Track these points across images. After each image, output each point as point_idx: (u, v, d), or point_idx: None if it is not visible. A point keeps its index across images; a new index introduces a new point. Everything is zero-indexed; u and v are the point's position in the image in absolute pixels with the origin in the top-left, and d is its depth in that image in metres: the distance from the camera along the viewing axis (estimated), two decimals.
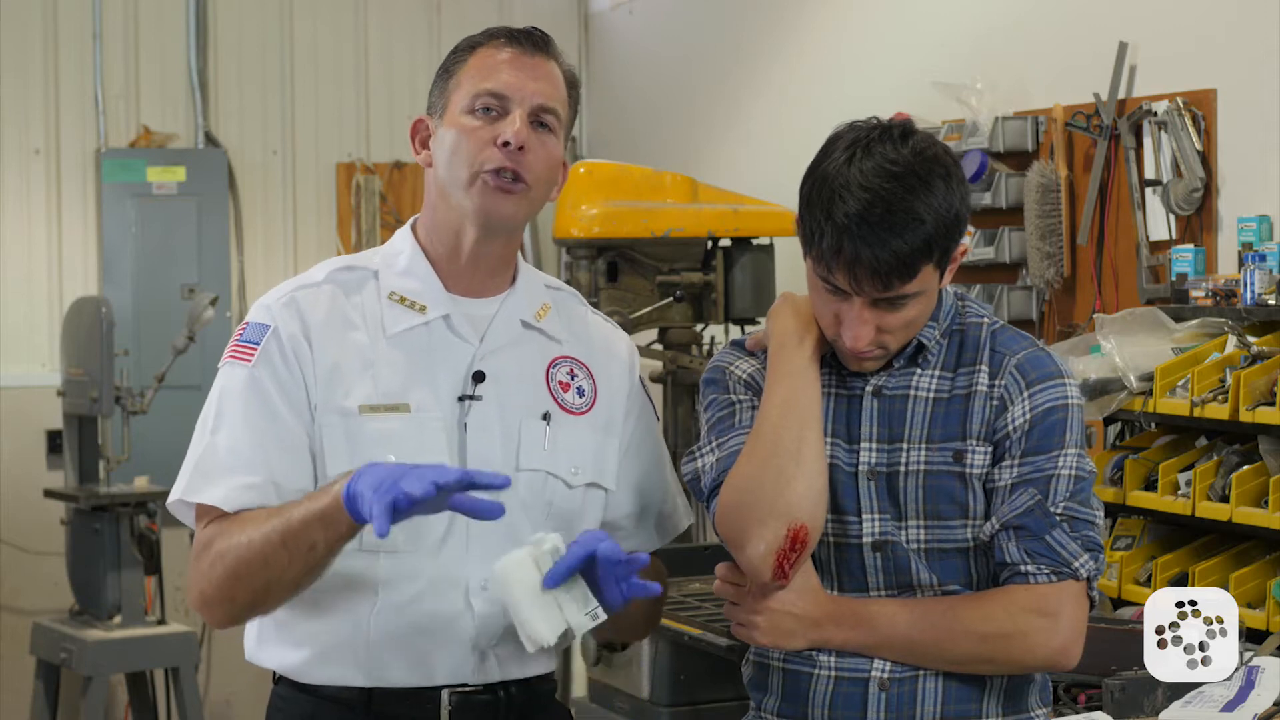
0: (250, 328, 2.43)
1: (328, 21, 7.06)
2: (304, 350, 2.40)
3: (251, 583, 2.31)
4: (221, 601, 2.36)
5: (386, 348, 2.43)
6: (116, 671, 6.03)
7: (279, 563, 2.28)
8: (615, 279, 5.22)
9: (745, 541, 2.34)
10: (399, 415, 2.39)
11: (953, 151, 2.38)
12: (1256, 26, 4.15)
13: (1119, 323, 4.01)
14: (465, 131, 2.40)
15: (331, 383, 2.40)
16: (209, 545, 2.35)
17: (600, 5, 7.25)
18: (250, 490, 2.36)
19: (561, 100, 2.44)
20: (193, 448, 2.42)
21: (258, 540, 2.29)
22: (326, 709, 2.43)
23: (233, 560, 2.31)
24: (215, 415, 2.41)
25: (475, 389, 2.43)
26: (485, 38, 2.45)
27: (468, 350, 2.45)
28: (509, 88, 2.40)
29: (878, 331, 2.34)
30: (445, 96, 2.45)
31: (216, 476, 2.37)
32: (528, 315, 2.51)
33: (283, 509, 2.30)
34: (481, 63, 2.42)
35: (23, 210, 6.68)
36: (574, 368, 2.53)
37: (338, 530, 2.25)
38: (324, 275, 2.48)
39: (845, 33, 5.71)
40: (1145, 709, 2.94)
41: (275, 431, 2.38)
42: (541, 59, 2.44)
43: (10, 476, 6.57)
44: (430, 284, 2.46)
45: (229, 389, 2.41)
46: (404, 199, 7.09)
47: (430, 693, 2.41)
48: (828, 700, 2.39)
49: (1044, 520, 2.33)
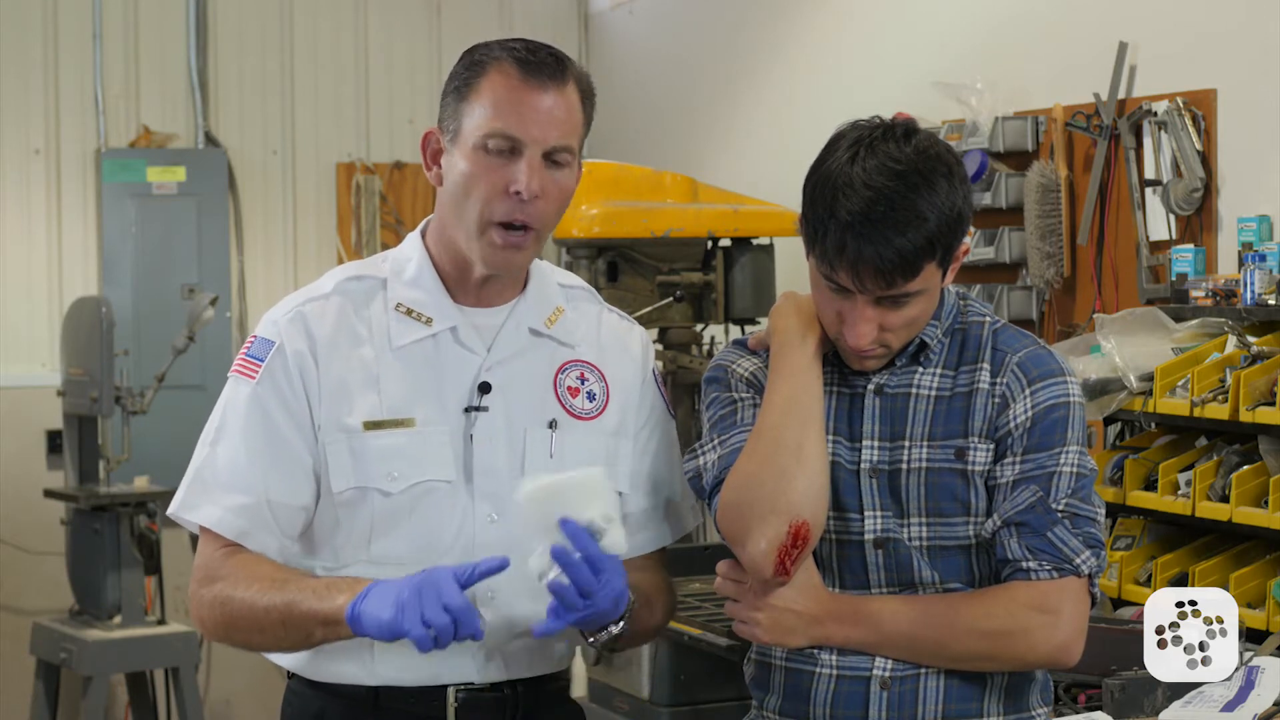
0: (257, 343, 2.44)
1: (328, 22, 7.06)
2: (309, 367, 2.41)
3: (247, 638, 2.40)
4: (215, 635, 2.45)
5: (392, 360, 2.43)
6: (116, 671, 6.02)
7: (274, 634, 2.36)
8: (615, 279, 5.22)
9: (747, 539, 2.34)
10: (404, 430, 2.40)
11: (955, 151, 2.38)
12: (1256, 26, 4.16)
13: (1119, 323, 4.01)
14: (476, 172, 2.37)
15: (337, 399, 2.41)
16: (212, 579, 2.40)
17: (600, 5, 7.25)
18: (244, 511, 2.39)
19: (575, 129, 2.41)
20: (195, 458, 2.45)
21: (259, 609, 2.34)
22: (336, 705, 2.46)
23: (232, 613, 2.37)
24: (217, 429, 2.44)
25: (481, 400, 2.43)
26: (496, 56, 2.39)
27: (474, 361, 2.45)
28: (521, 130, 2.35)
29: (880, 330, 2.34)
30: (457, 120, 2.40)
31: (213, 493, 2.41)
32: (537, 323, 2.50)
33: (287, 586, 2.34)
34: (494, 92, 2.37)
35: (23, 210, 6.68)
36: (585, 371, 2.52)
37: (337, 633, 2.32)
38: (332, 286, 2.47)
39: (845, 33, 5.72)
40: (1145, 709, 2.94)
41: (274, 451, 2.40)
42: (555, 88, 2.38)
43: (10, 476, 6.57)
44: (437, 295, 2.46)
45: (233, 404, 2.43)
46: (404, 199, 7.09)
47: (437, 690, 2.43)
48: (829, 699, 2.39)
49: (1045, 517, 2.34)
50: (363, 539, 2.41)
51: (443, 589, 2.21)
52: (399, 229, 7.00)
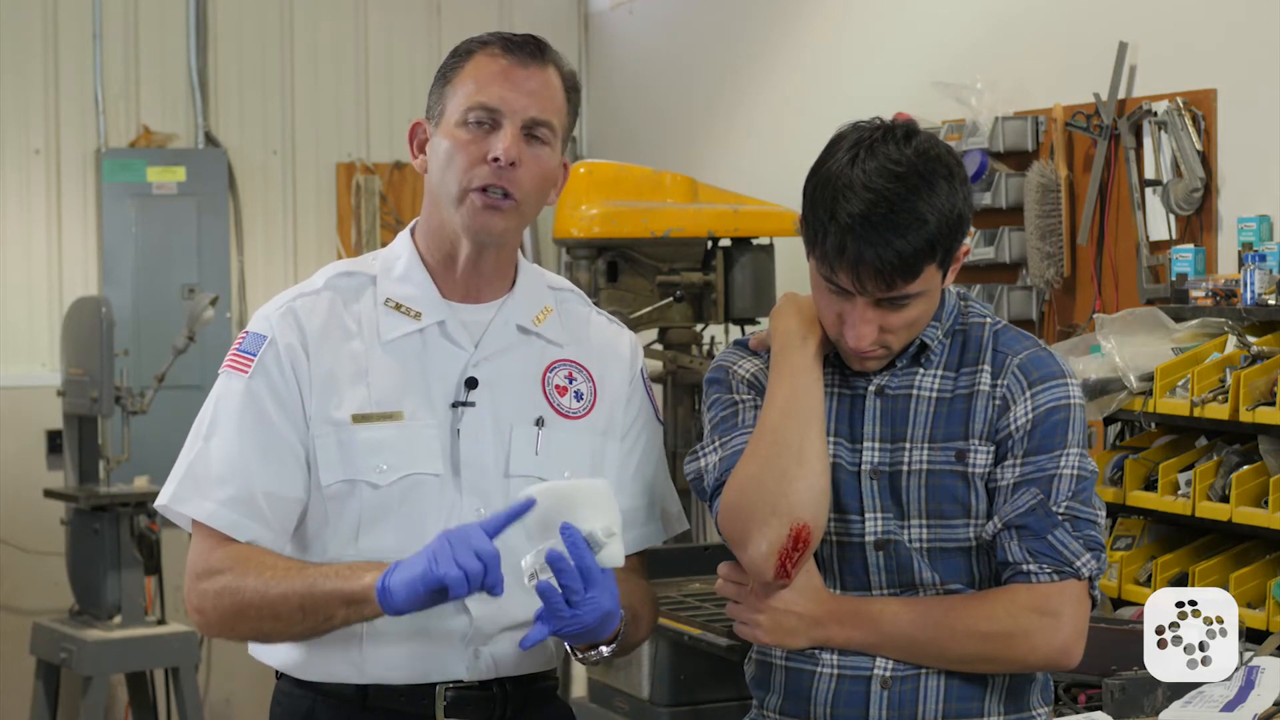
0: (249, 338, 2.46)
1: (328, 22, 7.06)
2: (301, 361, 2.43)
3: (258, 625, 2.38)
4: (220, 628, 2.42)
5: (381, 354, 2.45)
6: (116, 671, 6.03)
7: (291, 620, 2.35)
8: (615, 279, 5.22)
9: (748, 541, 2.35)
10: (392, 423, 2.42)
11: (955, 152, 2.39)
12: (1256, 26, 4.15)
13: (1119, 323, 4.01)
14: (457, 145, 2.41)
15: (326, 392, 2.42)
16: (212, 571, 2.39)
17: (600, 5, 7.25)
18: (237, 505, 2.40)
19: (557, 109, 2.45)
20: (185, 452, 2.45)
21: (274, 595, 2.34)
22: (325, 703, 2.47)
23: (241, 603, 2.36)
24: (210, 423, 2.44)
25: (468, 395, 2.45)
26: (480, 44, 2.46)
27: (462, 356, 2.47)
28: (501, 101, 2.40)
29: (881, 331, 2.34)
30: (441, 104, 2.45)
31: (205, 487, 2.41)
32: (525, 320, 2.52)
33: (304, 571, 2.35)
34: (476, 72, 2.43)
35: (23, 210, 6.68)
36: (573, 371, 2.54)
37: (361, 613, 2.32)
38: (323, 282, 2.50)
39: (845, 32, 5.72)
40: (1145, 709, 2.94)
41: (268, 444, 2.41)
42: (537, 68, 2.43)
43: (10, 476, 6.57)
44: (426, 290, 2.48)
45: (225, 398, 2.44)
46: (404, 199, 7.09)
47: (426, 688, 2.44)
48: (830, 698, 2.39)
49: (1046, 520, 2.34)
50: (350, 533, 2.42)
51: (473, 537, 2.24)
52: (399, 229, 6.99)
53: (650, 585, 2.62)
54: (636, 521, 2.58)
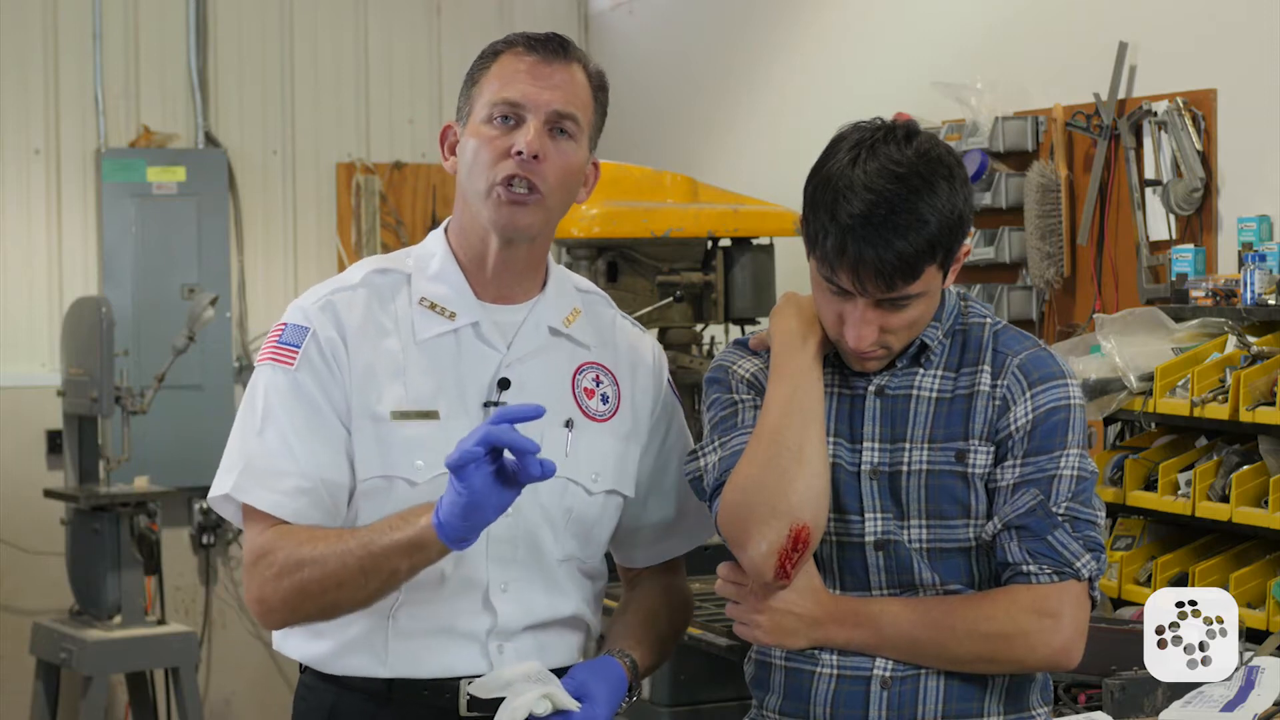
0: (289, 329, 2.46)
1: (328, 22, 7.06)
2: (340, 354, 2.44)
3: (321, 600, 2.37)
4: (284, 611, 2.40)
5: (417, 353, 2.46)
6: (116, 671, 6.03)
7: (354, 584, 2.34)
8: (615, 279, 5.22)
9: (747, 541, 2.35)
10: (429, 422, 2.43)
11: (955, 153, 2.39)
12: (1256, 26, 4.16)
13: (1119, 323, 4.01)
14: (482, 141, 2.42)
15: (365, 387, 2.43)
16: (268, 554, 2.38)
17: (600, 5, 7.26)
18: (302, 495, 2.40)
19: (582, 104, 2.46)
20: (238, 446, 2.44)
21: (333, 562, 2.33)
22: (349, 698, 2.47)
23: (304, 577, 2.35)
24: (262, 416, 2.43)
25: (500, 395, 2.46)
26: (506, 44, 2.48)
27: (495, 357, 2.48)
28: (525, 96, 2.42)
29: (881, 332, 2.34)
30: (469, 104, 2.48)
31: (267, 479, 2.40)
32: (556, 321, 2.53)
33: (357, 532, 2.35)
34: (501, 71, 2.45)
35: (23, 210, 6.68)
36: (599, 374, 2.55)
37: (426, 556, 2.31)
38: (360, 278, 2.51)
39: (845, 32, 5.72)
40: (1145, 709, 2.94)
41: (322, 433, 2.41)
42: (561, 64, 2.44)
43: (10, 476, 6.56)
44: (460, 290, 2.49)
45: (274, 390, 2.43)
46: (404, 199, 7.09)
47: (449, 683, 2.44)
48: (829, 699, 2.39)
49: (1046, 520, 2.34)
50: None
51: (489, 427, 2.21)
52: (399, 229, 7.01)
53: (684, 584, 2.68)
54: (678, 530, 2.62)
